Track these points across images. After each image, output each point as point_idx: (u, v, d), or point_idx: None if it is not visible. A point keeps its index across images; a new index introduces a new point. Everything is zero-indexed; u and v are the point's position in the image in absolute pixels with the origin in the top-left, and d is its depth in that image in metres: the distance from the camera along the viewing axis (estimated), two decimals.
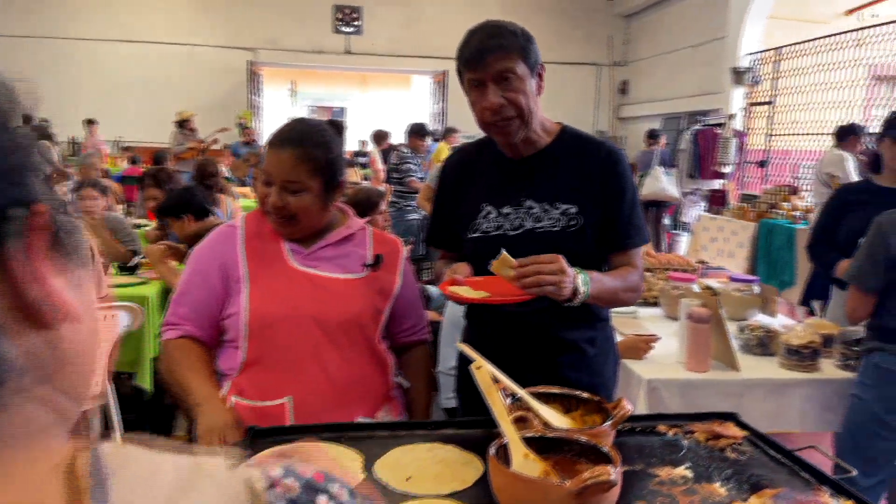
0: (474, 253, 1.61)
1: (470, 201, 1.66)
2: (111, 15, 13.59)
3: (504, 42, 1.51)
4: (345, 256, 1.65)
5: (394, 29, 14.57)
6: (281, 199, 1.54)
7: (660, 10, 13.60)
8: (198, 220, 3.31)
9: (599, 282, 1.45)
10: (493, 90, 1.51)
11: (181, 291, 1.65)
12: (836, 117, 8.46)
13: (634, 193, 1.62)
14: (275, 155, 1.56)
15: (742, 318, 2.80)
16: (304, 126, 1.62)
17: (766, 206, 6.86)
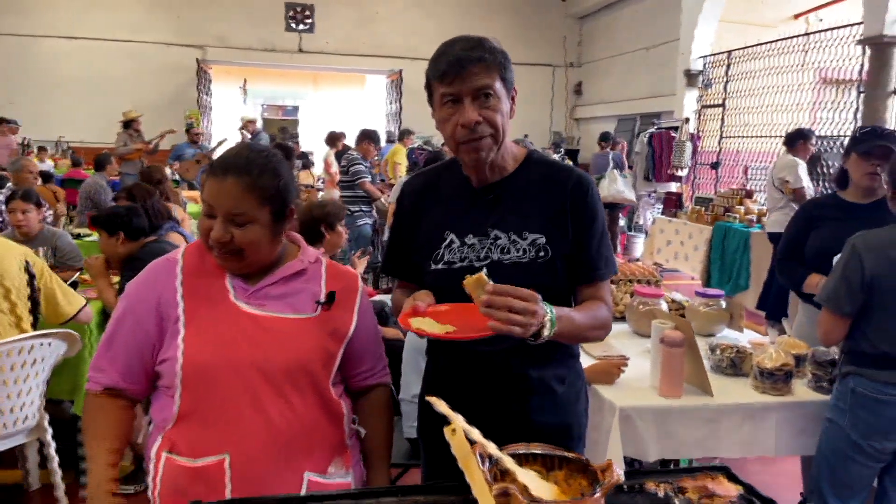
0: (436, 285, 1.49)
1: (431, 229, 1.54)
2: (50, 10, 13.05)
3: (485, 56, 1.40)
4: (295, 294, 1.49)
5: (347, 28, 14.37)
6: (225, 233, 1.39)
7: (613, 12, 13.72)
8: (130, 240, 3.11)
9: (568, 320, 1.35)
10: (470, 106, 1.40)
11: (110, 333, 1.47)
12: (785, 120, 8.63)
13: (604, 223, 1.53)
14: (216, 184, 1.39)
15: (709, 333, 2.76)
16: (249, 152, 1.45)
17: (721, 209, 6.93)
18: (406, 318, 1.36)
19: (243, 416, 1.38)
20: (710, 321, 2.74)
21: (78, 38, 13.20)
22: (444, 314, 1.39)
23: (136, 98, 12.69)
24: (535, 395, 1.51)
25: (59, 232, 4.02)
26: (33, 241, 3.90)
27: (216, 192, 1.39)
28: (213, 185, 1.40)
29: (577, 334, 1.40)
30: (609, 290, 1.52)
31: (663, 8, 11.77)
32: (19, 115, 12.78)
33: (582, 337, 1.45)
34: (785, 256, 2.81)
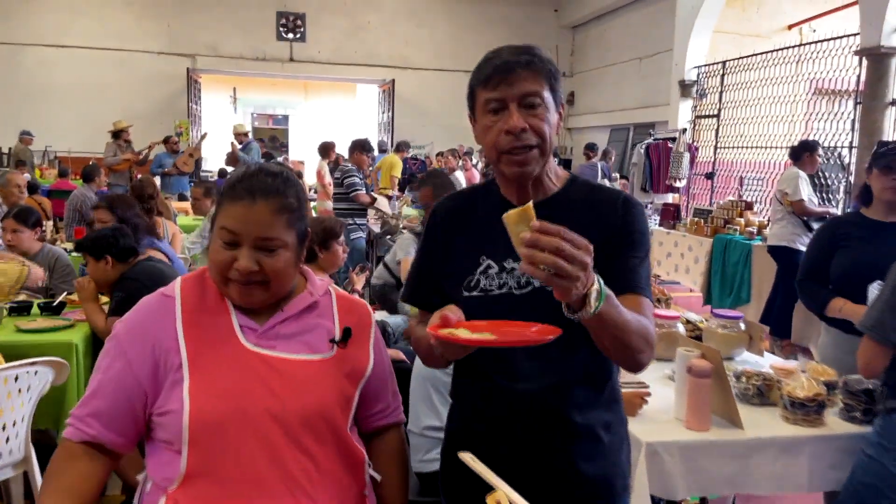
0: (471, 315, 1.31)
1: (465, 254, 1.41)
2: (37, 18, 12.87)
3: (534, 61, 1.31)
4: (308, 331, 1.35)
5: (338, 37, 14.28)
6: (254, 262, 1.26)
7: (606, 22, 13.71)
8: (120, 262, 2.96)
9: (616, 305, 1.16)
10: (516, 111, 1.30)
11: (97, 379, 1.30)
12: (780, 131, 8.61)
13: (649, 250, 1.42)
14: (245, 209, 1.26)
15: (727, 356, 2.65)
16: (268, 172, 1.32)
17: (720, 221, 6.85)
18: (434, 328, 1.20)
19: (259, 472, 1.23)
20: (728, 344, 2.63)
21: (66, 47, 13.03)
22: (479, 327, 1.23)
23: (126, 107, 12.53)
24: (580, 443, 1.37)
25: (59, 252, 3.84)
26: (31, 260, 3.72)
27: (243, 218, 1.26)
28: (240, 210, 1.26)
29: (622, 328, 1.18)
30: (652, 311, 1.36)
31: (657, 18, 11.76)
32: (6, 125, 12.61)
33: (625, 336, 1.20)
34: (806, 277, 2.71)
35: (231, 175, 1.35)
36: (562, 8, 14.91)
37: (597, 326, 1.16)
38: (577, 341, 1.26)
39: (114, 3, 13.23)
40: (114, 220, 3.39)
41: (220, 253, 1.27)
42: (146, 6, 13.37)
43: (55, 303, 3.20)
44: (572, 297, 1.07)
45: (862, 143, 7.12)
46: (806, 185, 5.58)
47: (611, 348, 1.23)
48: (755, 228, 6.44)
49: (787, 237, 5.53)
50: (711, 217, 7.04)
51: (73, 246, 3.18)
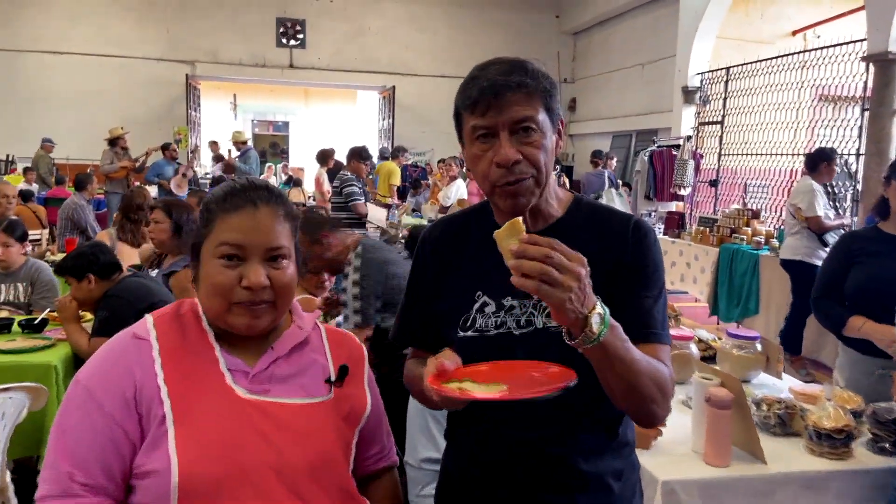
0: (466, 357, 1.19)
1: (459, 289, 1.28)
2: (35, 24, 12.78)
3: (526, 81, 1.17)
4: (302, 371, 1.21)
5: (338, 43, 14.19)
6: (266, 276, 1.13)
7: (608, 28, 13.61)
8: (103, 280, 2.82)
9: (622, 339, 1.06)
10: (507, 140, 1.16)
11: (63, 438, 1.09)
12: (784, 138, 8.48)
13: (664, 282, 1.26)
14: (248, 217, 1.14)
15: (743, 378, 2.51)
16: (259, 184, 1.21)
17: (726, 230, 6.72)
18: (436, 382, 1.08)
19: None
20: (744, 365, 2.49)
21: (64, 53, 12.94)
22: (483, 373, 1.12)
23: (124, 114, 12.43)
24: (586, 494, 1.23)
25: (42, 267, 3.69)
26: (13, 275, 3.60)
27: (248, 227, 1.13)
28: (243, 219, 1.13)
29: (629, 366, 1.07)
30: (670, 359, 1.22)
31: (659, 24, 11.66)
32: (3, 132, 12.51)
33: (635, 378, 1.08)
34: (822, 294, 2.58)
35: (213, 193, 1.20)
36: (563, 14, 14.82)
37: (601, 360, 1.05)
38: (584, 381, 1.12)
39: (113, 9, 13.14)
40: (169, 223, 3.29)
41: (222, 273, 1.12)
42: (145, 12, 13.29)
43: (37, 320, 3.06)
44: (570, 317, 0.99)
45: (869, 150, 6.98)
46: (821, 199, 5.32)
47: (618, 392, 1.11)
48: (763, 238, 6.30)
49: (802, 251, 5.33)
50: (717, 226, 6.91)
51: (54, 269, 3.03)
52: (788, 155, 8.39)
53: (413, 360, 1.39)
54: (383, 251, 2.93)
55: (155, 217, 3.30)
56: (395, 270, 2.84)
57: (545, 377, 1.09)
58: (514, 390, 1.04)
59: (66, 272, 2.80)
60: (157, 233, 3.28)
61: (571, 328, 1.01)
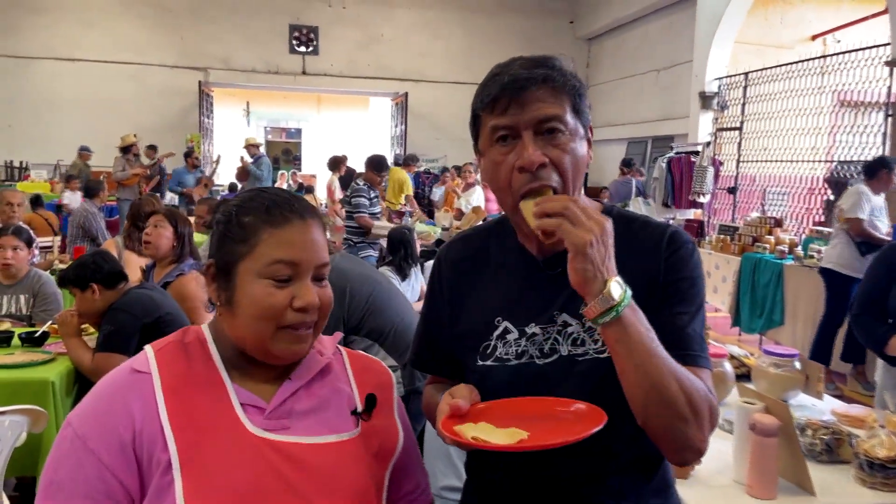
0: (485, 388, 1.10)
1: (478, 314, 1.16)
2: (49, 31, 12.81)
3: (552, 75, 1.04)
4: (324, 405, 1.07)
5: (351, 49, 14.14)
6: (317, 296, 1.02)
7: (622, 34, 13.47)
8: (107, 289, 2.70)
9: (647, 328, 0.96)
10: (531, 141, 1.03)
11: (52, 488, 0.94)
12: (804, 144, 8.30)
13: (703, 298, 1.11)
14: (300, 232, 1.02)
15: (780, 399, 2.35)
16: (286, 193, 1.10)
17: (748, 238, 6.54)
18: (449, 425, 0.97)
19: None
20: (782, 385, 2.33)
21: (78, 60, 12.96)
22: (500, 412, 1.01)
23: (137, 121, 12.43)
24: None
25: (45, 278, 3.59)
26: (16, 285, 3.50)
27: (301, 243, 1.01)
28: (295, 233, 1.01)
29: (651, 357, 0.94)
30: (712, 385, 1.06)
31: (676, 29, 11.50)
32: (17, 138, 12.56)
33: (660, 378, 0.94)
34: (862, 311, 2.43)
35: (244, 204, 1.06)
36: (577, 19, 14.70)
37: (619, 344, 0.94)
38: (618, 416, 0.99)
39: (126, 16, 13.15)
40: (171, 231, 3.22)
41: (273, 295, 0.99)
42: (159, 19, 13.29)
43: (38, 333, 2.94)
44: (588, 271, 0.92)
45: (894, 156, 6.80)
46: (867, 205, 5.03)
47: (638, 394, 0.95)
48: (786, 247, 6.11)
49: (836, 260, 5.10)
50: (738, 234, 6.73)
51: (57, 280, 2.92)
52: (809, 161, 8.21)
53: (431, 386, 1.28)
54: (343, 270, 2.63)
55: (157, 222, 3.18)
56: (359, 288, 2.58)
57: (571, 418, 0.97)
58: (536, 437, 0.92)
59: (68, 283, 2.68)
60: (155, 238, 3.16)
61: (588, 292, 0.94)
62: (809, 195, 8.14)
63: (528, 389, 1.07)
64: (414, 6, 14.24)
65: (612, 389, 1.00)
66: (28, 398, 2.39)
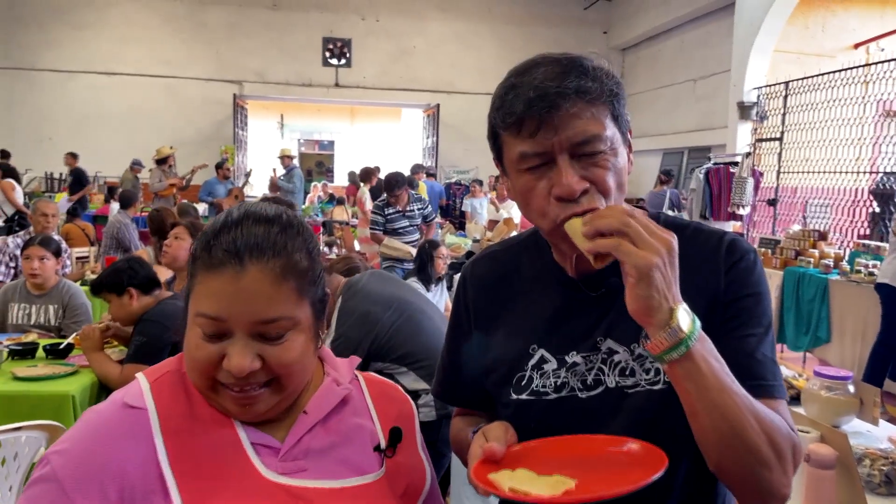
0: (520, 425, 0.97)
1: (509, 341, 1.03)
2: (90, 46, 13.11)
3: (588, 85, 0.89)
4: (345, 440, 0.94)
5: (384, 61, 14.19)
6: (254, 359, 0.84)
7: (658, 44, 13.29)
8: (144, 294, 2.67)
9: (718, 359, 0.83)
10: (568, 166, 0.89)
11: None
12: (847, 155, 8.04)
13: (771, 315, 0.98)
14: (230, 282, 0.84)
15: (833, 424, 2.20)
16: (263, 215, 0.90)
17: (791, 252, 6.32)
18: (482, 472, 0.85)
19: None
20: (835, 410, 2.18)
21: (116, 74, 13.22)
22: (541, 455, 0.88)
23: (173, 133, 12.63)
24: None
25: (73, 289, 3.59)
26: (45, 295, 3.50)
27: (231, 295, 0.84)
28: (224, 283, 0.84)
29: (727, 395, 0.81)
30: (791, 419, 0.93)
31: (713, 38, 11.30)
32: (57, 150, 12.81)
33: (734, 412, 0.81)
34: None
35: (216, 224, 0.92)
36: (611, 29, 14.56)
37: (689, 382, 0.81)
38: (675, 454, 0.87)
39: (164, 31, 13.40)
40: (190, 242, 3.19)
41: (201, 348, 0.85)
42: (196, 34, 13.51)
43: (62, 345, 2.92)
44: (654, 298, 0.78)
45: None
46: None
47: (712, 439, 0.83)
48: (831, 261, 5.88)
49: (891, 274, 4.81)
50: (780, 248, 6.51)
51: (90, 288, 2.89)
52: (852, 173, 7.95)
53: (459, 418, 1.15)
54: (368, 292, 2.55)
55: (177, 233, 3.17)
56: (384, 311, 2.50)
57: (624, 460, 0.85)
58: (584, 486, 0.80)
59: (103, 289, 2.66)
60: (174, 249, 3.14)
61: (651, 322, 0.80)
62: (853, 207, 7.87)
63: (570, 428, 0.95)
64: (446, 18, 14.26)
65: (667, 425, 0.90)
66: (48, 412, 2.36)
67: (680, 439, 0.89)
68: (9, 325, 3.44)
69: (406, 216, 5.94)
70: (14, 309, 3.47)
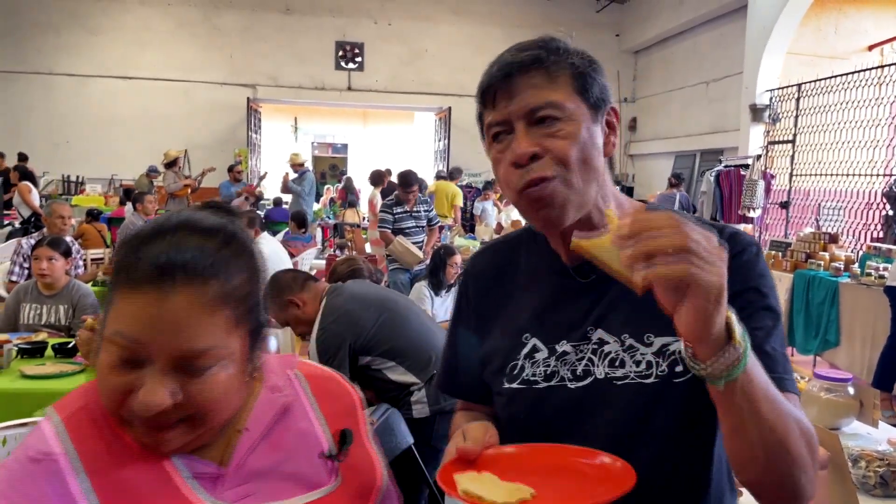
0: (510, 414, 0.99)
1: (505, 331, 1.04)
2: (106, 51, 13.27)
3: (543, 56, 0.93)
4: (291, 453, 0.87)
5: (396, 65, 14.26)
6: (170, 394, 0.75)
7: (670, 46, 13.25)
8: None
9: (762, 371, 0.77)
10: (523, 133, 0.91)
11: None
12: (861, 157, 7.98)
13: (780, 311, 0.94)
14: (149, 305, 0.74)
15: (833, 426, 2.20)
16: (202, 226, 0.81)
17: (801, 255, 6.28)
18: (448, 471, 0.85)
19: None
20: (834, 412, 2.18)
21: (131, 78, 13.37)
22: (514, 461, 0.88)
23: (187, 136, 12.77)
24: None
25: (84, 289, 3.65)
26: (55, 295, 3.56)
27: (153, 320, 0.74)
28: (141, 306, 0.74)
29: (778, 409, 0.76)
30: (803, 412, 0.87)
31: (725, 41, 11.26)
32: (73, 153, 13.01)
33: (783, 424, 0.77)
34: None
35: (129, 235, 0.81)
36: (623, 32, 14.54)
37: (742, 398, 0.74)
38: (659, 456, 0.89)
39: (178, 35, 13.54)
40: None
41: (113, 374, 0.75)
42: (210, 38, 13.64)
43: (70, 344, 2.97)
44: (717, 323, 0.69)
45: None
46: None
47: (760, 456, 0.77)
48: (842, 264, 5.84)
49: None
50: (791, 250, 6.47)
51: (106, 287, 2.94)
52: (866, 175, 7.88)
53: (461, 413, 1.15)
54: (352, 293, 2.68)
55: None
56: (366, 311, 2.60)
57: (594, 475, 0.83)
58: (542, 497, 0.79)
59: None
60: None
61: (707, 342, 0.71)
62: (867, 210, 7.80)
63: (559, 417, 0.95)
64: (457, 21, 14.30)
65: (658, 422, 0.89)
66: None
67: (668, 437, 0.89)
68: (20, 324, 3.51)
69: (413, 216, 5.98)
70: (26, 309, 3.53)
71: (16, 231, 8.23)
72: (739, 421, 0.76)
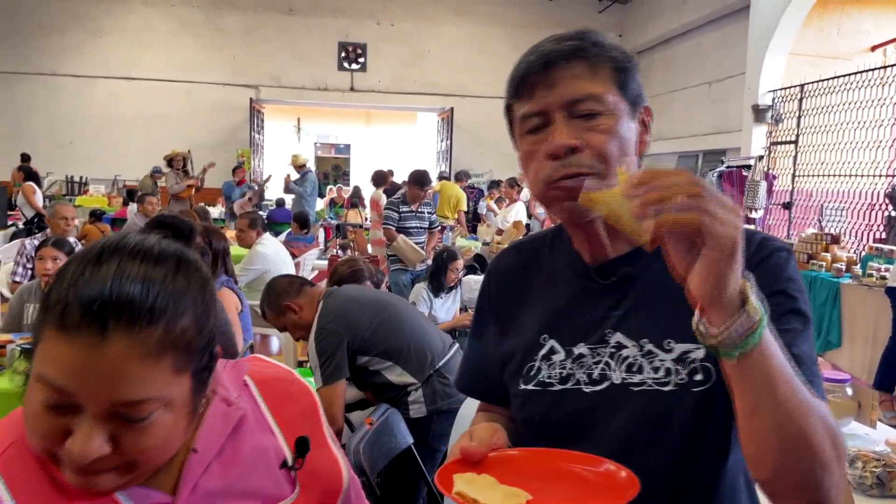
0: (525, 415, 0.98)
1: (524, 331, 1.02)
2: (109, 52, 13.33)
3: (586, 48, 0.91)
4: (248, 470, 0.81)
5: (398, 66, 14.29)
6: (103, 444, 0.68)
7: (672, 46, 13.26)
8: None
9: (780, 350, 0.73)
10: (562, 124, 0.89)
11: None
12: (864, 158, 7.98)
13: (809, 313, 0.89)
14: (83, 353, 0.66)
15: None
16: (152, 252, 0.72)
17: (803, 256, 6.28)
18: (448, 470, 0.84)
19: None
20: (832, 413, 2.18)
21: (134, 79, 13.42)
22: (517, 465, 0.86)
23: (191, 137, 12.80)
24: None
25: None
26: None
27: (85, 370, 0.65)
28: (79, 351, 0.65)
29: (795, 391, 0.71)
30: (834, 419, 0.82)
31: (728, 41, 11.26)
32: (77, 154, 13.06)
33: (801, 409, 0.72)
34: None
35: (68, 261, 0.73)
36: (626, 32, 14.54)
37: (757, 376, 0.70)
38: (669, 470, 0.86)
39: (181, 36, 13.58)
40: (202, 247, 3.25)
41: (40, 418, 0.68)
42: (212, 39, 13.68)
43: None
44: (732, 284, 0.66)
45: None
46: None
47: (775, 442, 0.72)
48: (843, 265, 5.84)
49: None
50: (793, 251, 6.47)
51: None
52: (868, 176, 7.88)
53: (481, 414, 1.13)
54: (348, 295, 2.71)
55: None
56: (362, 312, 2.62)
57: (597, 483, 0.82)
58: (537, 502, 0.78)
59: None
60: None
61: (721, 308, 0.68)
62: (870, 211, 7.80)
63: (573, 421, 0.93)
64: (459, 22, 14.32)
65: (672, 433, 0.87)
66: None
67: (679, 447, 0.88)
68: (24, 324, 3.52)
69: (417, 216, 6.00)
70: (29, 309, 3.55)
71: (19, 231, 8.26)
72: (754, 403, 0.72)
